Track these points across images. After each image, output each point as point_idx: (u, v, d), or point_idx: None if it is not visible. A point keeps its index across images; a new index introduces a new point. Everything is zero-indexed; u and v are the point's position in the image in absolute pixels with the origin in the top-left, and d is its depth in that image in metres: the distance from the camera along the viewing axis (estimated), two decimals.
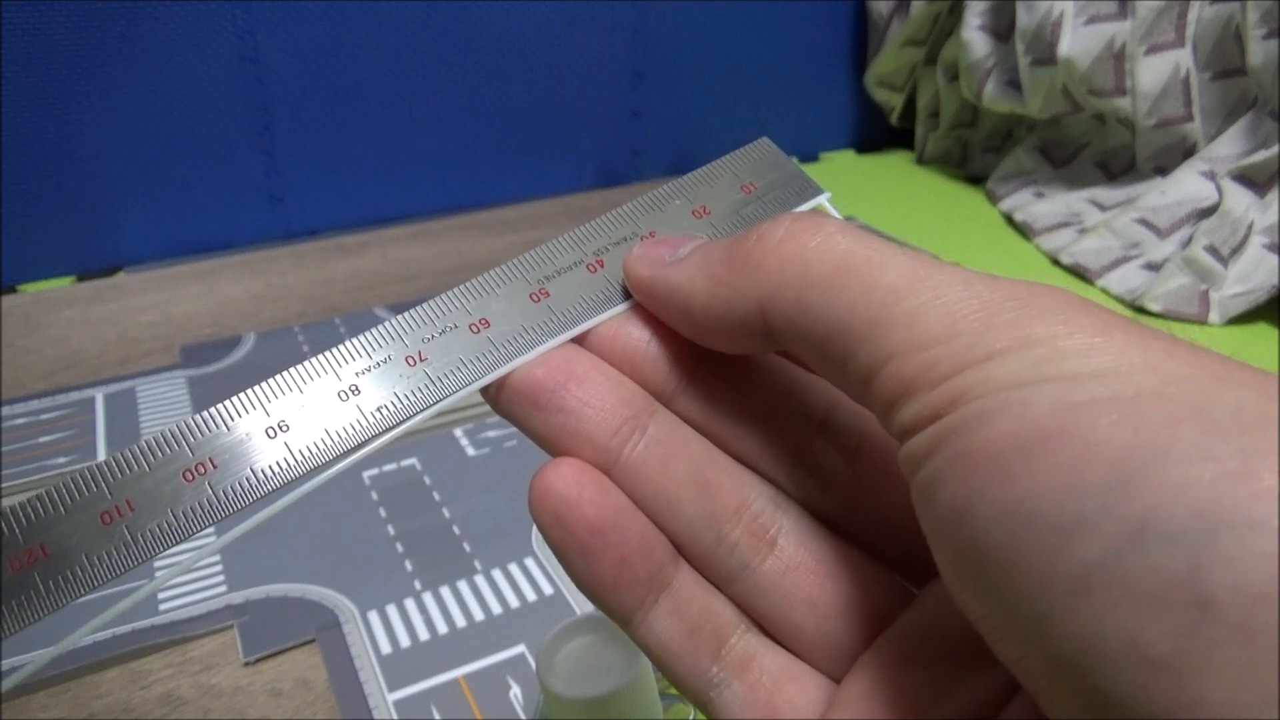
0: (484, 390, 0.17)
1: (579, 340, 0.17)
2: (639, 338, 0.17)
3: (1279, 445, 0.10)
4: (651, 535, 0.16)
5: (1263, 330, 0.56)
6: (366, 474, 0.42)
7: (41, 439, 0.45)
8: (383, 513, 0.40)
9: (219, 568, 0.37)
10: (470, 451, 0.44)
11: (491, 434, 0.45)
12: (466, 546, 0.38)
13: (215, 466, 0.15)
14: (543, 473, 0.16)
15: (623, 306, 0.17)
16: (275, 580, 0.36)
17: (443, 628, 0.34)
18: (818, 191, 0.19)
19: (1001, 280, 0.13)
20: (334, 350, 0.16)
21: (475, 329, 0.17)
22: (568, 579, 0.35)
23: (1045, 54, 0.68)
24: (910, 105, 0.86)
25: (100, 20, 0.59)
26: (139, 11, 0.59)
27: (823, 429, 0.17)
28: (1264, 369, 0.11)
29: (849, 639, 0.16)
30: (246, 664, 0.33)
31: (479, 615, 0.34)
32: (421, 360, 0.17)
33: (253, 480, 0.15)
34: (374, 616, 0.34)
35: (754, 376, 0.17)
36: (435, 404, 0.16)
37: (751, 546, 0.16)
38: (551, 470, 0.16)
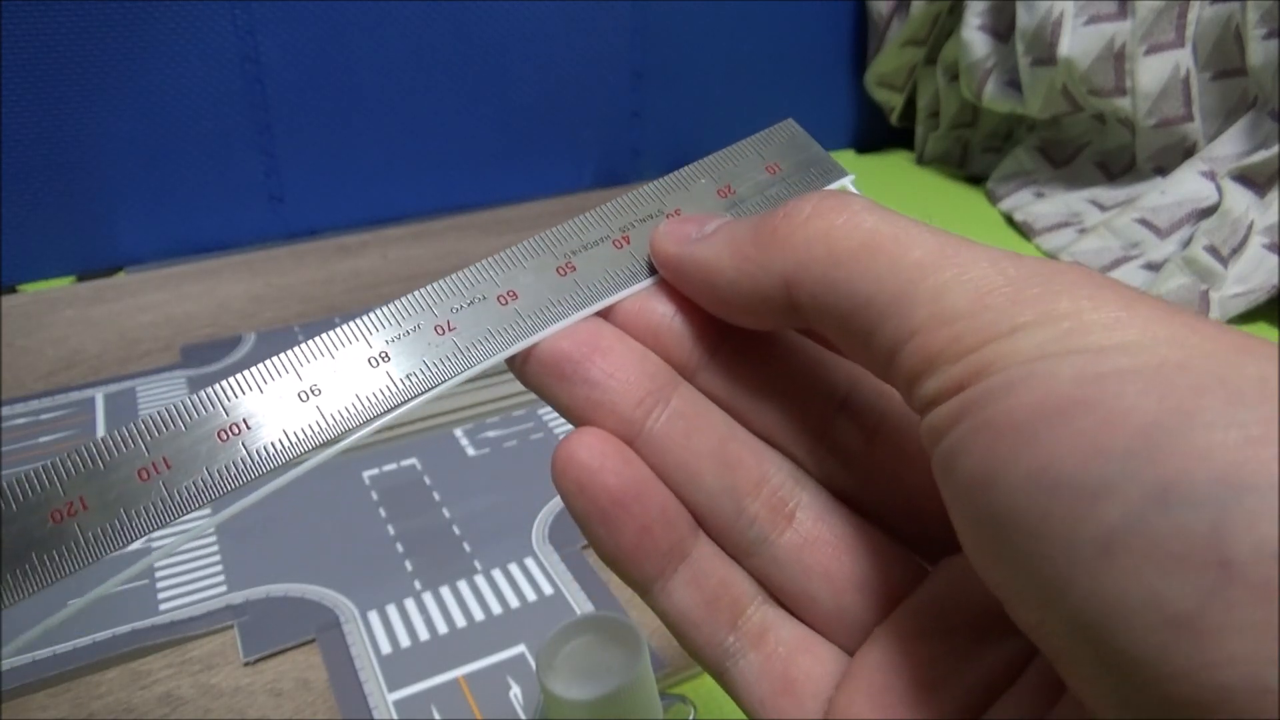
0: (510, 361, 0.17)
1: (604, 314, 0.18)
2: (663, 313, 0.18)
3: None
4: (672, 506, 0.17)
5: (1263, 330, 0.56)
6: (366, 474, 0.42)
7: (41, 439, 0.45)
8: (383, 513, 0.40)
9: (219, 567, 0.37)
10: (470, 451, 0.44)
11: (491, 434, 0.45)
12: (466, 546, 0.38)
13: (249, 428, 0.15)
14: (566, 442, 0.16)
15: (648, 282, 0.18)
16: (275, 580, 0.36)
17: (443, 628, 0.34)
18: (842, 174, 0.19)
19: (1027, 258, 0.13)
20: (365, 317, 0.17)
21: (503, 300, 0.17)
22: (568, 579, 0.36)
23: (1045, 54, 0.68)
24: (910, 105, 0.86)
25: (100, 20, 0.59)
26: (139, 11, 0.59)
27: (843, 408, 0.17)
28: None
29: (864, 612, 0.16)
30: (246, 664, 0.33)
31: (479, 615, 0.34)
32: (450, 330, 0.17)
33: (285, 442, 0.15)
34: (374, 616, 0.34)
35: (776, 354, 0.18)
36: (463, 372, 0.17)
37: (770, 520, 0.17)
38: (575, 440, 0.16)
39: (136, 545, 0.36)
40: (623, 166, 0.81)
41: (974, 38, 0.75)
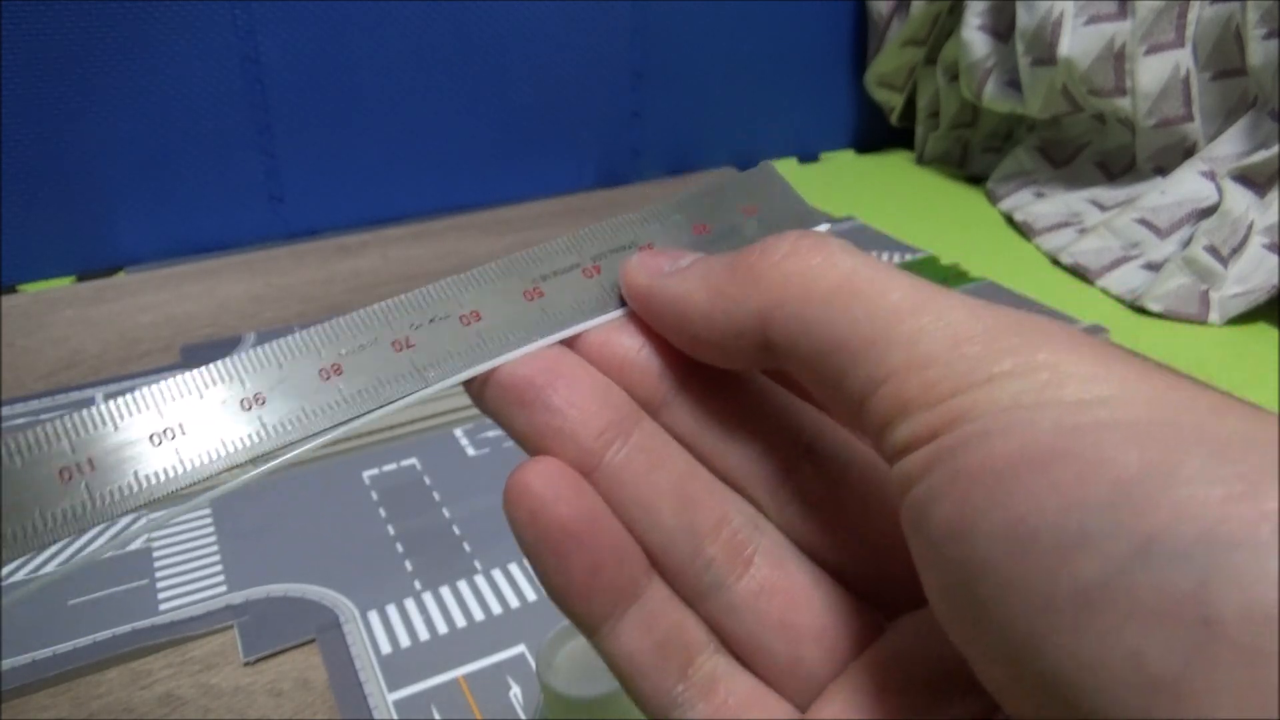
0: (468, 384, 0.17)
1: (569, 344, 0.17)
2: (630, 346, 0.17)
3: None
4: (626, 543, 0.16)
5: (1263, 330, 0.56)
6: (366, 474, 0.42)
7: None
8: (383, 513, 0.40)
9: (219, 568, 0.37)
10: (470, 451, 0.44)
11: (491, 434, 0.45)
12: (466, 546, 0.38)
13: (184, 433, 0.15)
14: (519, 470, 0.16)
15: (616, 314, 0.17)
16: (275, 580, 0.36)
17: (443, 628, 0.34)
18: (819, 220, 0.19)
19: (1004, 309, 0.13)
20: (319, 327, 0.16)
21: (466, 320, 0.17)
22: None
23: (1045, 54, 0.68)
24: (910, 105, 0.86)
25: (100, 20, 0.59)
26: (139, 11, 0.59)
27: (808, 454, 0.17)
28: (1260, 406, 0.11)
29: (820, 666, 0.16)
30: (246, 664, 0.33)
31: (479, 615, 0.34)
32: (409, 346, 0.16)
33: (221, 452, 0.15)
34: (374, 616, 0.34)
35: (742, 396, 0.17)
36: (416, 392, 0.16)
37: (727, 564, 0.16)
38: (529, 468, 0.16)
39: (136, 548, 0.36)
40: (623, 166, 0.81)
41: (974, 38, 0.75)
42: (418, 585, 0.36)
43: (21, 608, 0.35)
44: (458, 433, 0.46)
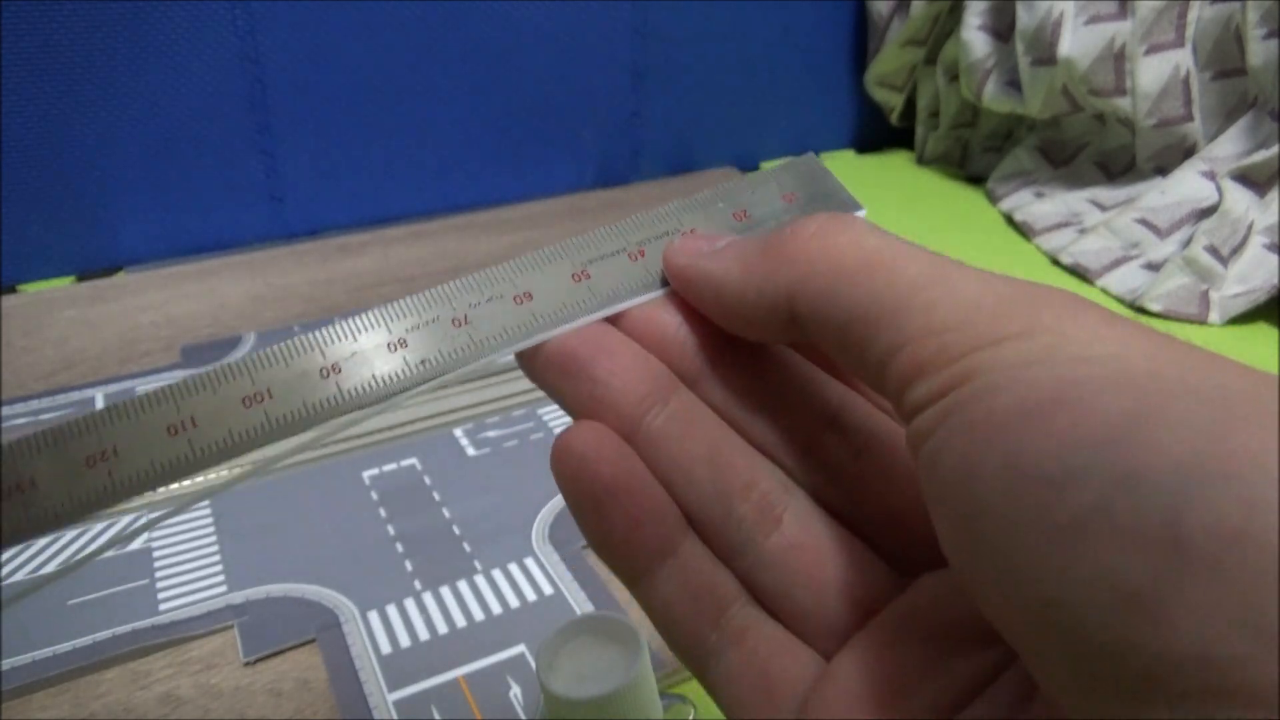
0: (520, 355, 0.18)
1: (613, 321, 0.19)
2: (669, 322, 0.18)
3: (1255, 415, 0.11)
4: (664, 502, 0.17)
5: (1263, 330, 0.56)
6: (366, 474, 0.42)
7: None
8: (383, 513, 0.40)
9: (219, 568, 0.37)
10: (470, 451, 0.44)
11: (491, 434, 0.45)
12: (466, 546, 0.38)
13: (272, 397, 0.17)
14: (565, 433, 0.17)
15: (658, 293, 0.19)
16: (275, 580, 0.36)
17: (443, 628, 0.34)
18: (856, 207, 0.20)
19: (1015, 280, 0.14)
20: (387, 306, 0.18)
21: (519, 300, 0.18)
22: (568, 579, 0.36)
23: (1045, 54, 0.68)
24: (910, 105, 0.86)
25: (100, 20, 0.59)
26: (139, 11, 0.59)
27: (832, 424, 0.18)
28: (1254, 366, 0.12)
29: (844, 618, 0.17)
30: (246, 664, 0.33)
31: (479, 615, 0.34)
32: (466, 323, 0.18)
33: (303, 412, 0.17)
34: (374, 616, 0.34)
35: (772, 369, 0.18)
36: (475, 360, 0.18)
37: (758, 522, 0.17)
38: (573, 431, 0.17)
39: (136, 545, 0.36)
40: (623, 167, 0.81)
41: (974, 38, 0.75)
42: (418, 585, 0.36)
43: (21, 608, 0.35)
44: (458, 433, 0.46)
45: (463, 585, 0.36)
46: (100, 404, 0.48)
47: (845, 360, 0.15)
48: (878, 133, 0.90)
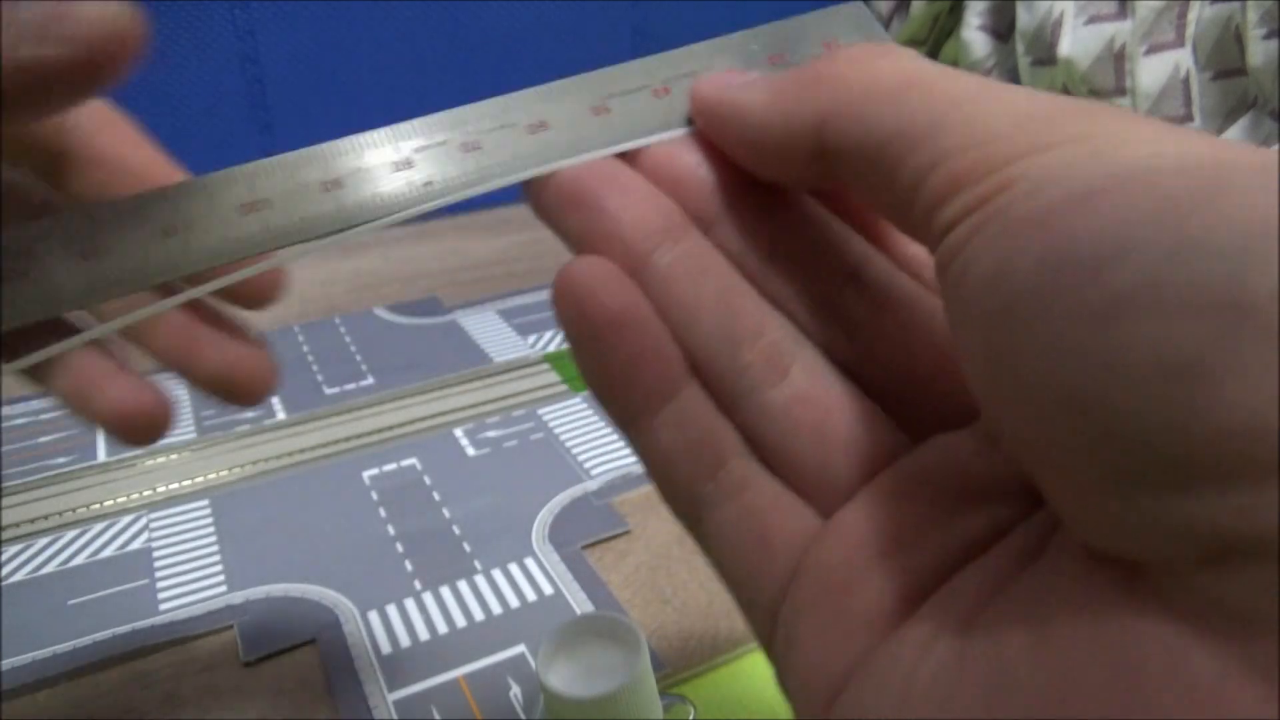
0: (527, 185, 0.18)
1: (630, 160, 0.18)
2: (688, 161, 0.18)
3: None
4: (666, 341, 0.17)
5: None
6: (366, 474, 0.42)
7: (41, 439, 0.45)
8: (383, 513, 0.40)
9: (219, 568, 0.37)
10: (470, 451, 0.44)
11: (491, 434, 0.45)
12: (466, 546, 0.38)
13: (270, 207, 0.17)
14: (568, 265, 0.17)
15: (680, 132, 0.18)
16: (275, 580, 0.36)
17: (443, 628, 0.34)
18: None
19: (1066, 97, 0.13)
20: (396, 126, 0.17)
21: (533, 129, 0.18)
22: (568, 579, 0.36)
23: (1045, 54, 0.68)
24: None
25: None
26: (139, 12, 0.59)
27: (852, 279, 0.17)
28: None
29: (847, 475, 0.16)
30: (246, 664, 0.33)
31: (479, 615, 0.34)
32: (476, 149, 0.17)
33: (301, 225, 0.17)
34: (374, 616, 0.34)
35: (794, 218, 0.18)
36: (480, 184, 0.17)
37: (764, 371, 0.16)
38: (577, 263, 0.16)
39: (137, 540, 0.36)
40: None
41: (974, 38, 0.75)
42: (418, 585, 0.36)
43: (21, 608, 0.35)
44: (458, 433, 0.45)
45: (463, 585, 0.36)
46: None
47: (873, 193, 0.14)
48: None
